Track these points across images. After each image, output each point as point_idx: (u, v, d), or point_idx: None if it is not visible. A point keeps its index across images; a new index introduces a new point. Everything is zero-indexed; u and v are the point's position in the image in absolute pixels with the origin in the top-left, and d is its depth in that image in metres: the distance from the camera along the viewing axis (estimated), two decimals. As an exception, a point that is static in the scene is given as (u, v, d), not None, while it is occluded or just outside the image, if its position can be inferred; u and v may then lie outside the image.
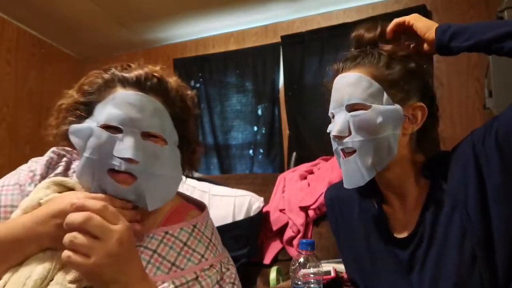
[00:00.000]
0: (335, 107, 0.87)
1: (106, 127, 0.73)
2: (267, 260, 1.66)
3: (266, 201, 1.77)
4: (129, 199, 0.74)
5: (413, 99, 0.86)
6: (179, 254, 0.76)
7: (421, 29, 0.85)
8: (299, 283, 0.79)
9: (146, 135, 0.75)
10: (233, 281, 0.81)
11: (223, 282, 0.79)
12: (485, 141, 0.77)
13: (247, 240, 1.62)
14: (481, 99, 2.29)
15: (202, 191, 1.68)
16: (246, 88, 3.03)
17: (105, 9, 2.73)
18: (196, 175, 1.74)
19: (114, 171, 0.72)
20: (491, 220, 0.76)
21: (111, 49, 3.35)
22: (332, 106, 0.89)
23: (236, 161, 3.00)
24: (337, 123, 0.85)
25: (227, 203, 1.66)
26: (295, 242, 1.60)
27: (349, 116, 0.83)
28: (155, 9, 2.74)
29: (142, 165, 0.72)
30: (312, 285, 0.78)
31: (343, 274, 1.05)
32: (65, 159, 0.85)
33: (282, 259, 1.65)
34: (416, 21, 0.86)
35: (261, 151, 2.94)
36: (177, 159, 0.82)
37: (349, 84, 0.85)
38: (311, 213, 1.62)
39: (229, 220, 1.62)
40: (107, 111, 0.73)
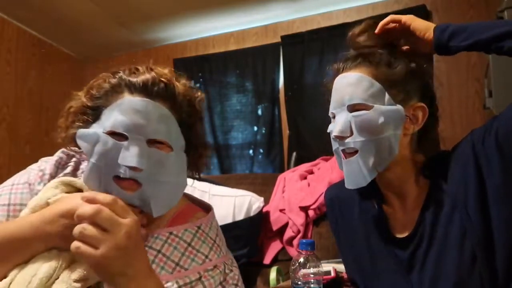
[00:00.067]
0: (336, 107, 0.87)
1: (112, 134, 0.73)
2: (267, 260, 1.66)
3: (266, 201, 1.77)
4: (134, 205, 0.74)
5: (413, 99, 0.86)
6: (183, 254, 0.77)
7: (419, 29, 0.85)
8: (299, 283, 0.79)
9: (151, 142, 0.75)
10: (236, 282, 0.81)
11: (226, 283, 0.79)
12: (485, 141, 0.77)
13: (247, 240, 1.62)
14: (481, 99, 2.29)
15: (202, 191, 1.67)
16: (246, 88, 3.03)
17: (105, 9, 2.73)
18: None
19: (119, 178, 0.73)
20: (491, 220, 0.76)
21: (111, 49, 3.35)
22: (332, 106, 0.88)
23: (236, 161, 3.00)
24: (338, 123, 0.85)
25: (227, 203, 1.66)
26: (295, 242, 1.59)
27: (350, 116, 0.83)
28: (155, 9, 2.74)
29: (146, 172, 0.73)
30: (312, 285, 0.78)
31: (343, 274, 1.05)
32: (74, 159, 0.86)
33: (282, 259, 1.64)
34: (413, 21, 0.86)
35: (261, 151, 2.94)
36: (182, 165, 0.82)
37: (349, 84, 0.85)
38: (311, 213, 1.61)
39: (229, 220, 1.62)
40: (114, 117, 0.73)
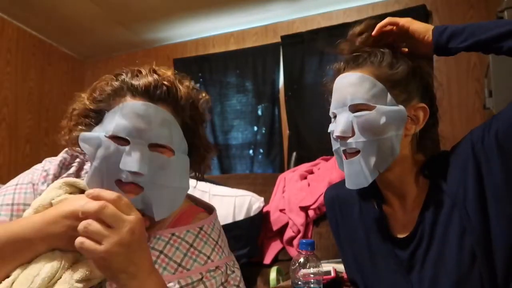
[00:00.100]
0: (337, 107, 0.86)
1: (114, 138, 0.73)
2: (267, 260, 1.66)
3: (266, 201, 1.77)
4: (137, 208, 0.74)
5: (414, 99, 0.86)
6: (186, 255, 0.77)
7: (418, 32, 0.85)
8: (299, 283, 0.79)
9: (153, 146, 0.75)
10: (238, 283, 0.81)
11: (227, 284, 0.79)
12: (484, 140, 0.77)
13: (247, 240, 1.62)
14: (481, 99, 2.29)
15: (202, 191, 1.67)
16: (246, 88, 3.03)
17: (105, 9, 2.73)
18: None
19: (121, 182, 0.73)
20: (490, 218, 0.77)
21: (111, 49, 3.36)
22: (333, 106, 0.88)
23: (236, 161, 3.01)
24: (339, 123, 0.84)
25: (228, 203, 1.66)
26: (295, 242, 1.60)
27: (352, 116, 0.83)
28: (155, 9, 2.74)
29: (148, 176, 0.73)
30: (312, 285, 0.78)
31: (343, 274, 1.05)
32: (78, 159, 0.86)
33: (282, 259, 1.65)
34: (411, 24, 0.85)
35: (261, 151, 2.94)
36: (185, 168, 0.81)
37: (351, 84, 0.84)
38: (311, 213, 1.62)
39: (230, 220, 1.62)
40: (116, 122, 0.73)
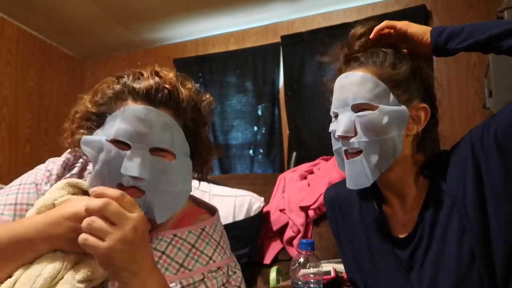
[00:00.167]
0: (339, 106, 0.86)
1: (115, 142, 0.73)
2: (268, 260, 1.66)
3: (266, 201, 1.77)
4: None
5: (416, 100, 0.86)
6: (187, 255, 0.77)
7: (416, 34, 0.85)
8: (299, 283, 0.79)
9: (154, 150, 0.75)
10: (239, 284, 0.81)
11: (228, 284, 0.79)
12: (483, 140, 0.77)
13: (247, 240, 1.62)
14: (481, 99, 2.29)
15: (202, 191, 1.67)
16: (246, 88, 3.03)
17: (105, 9, 2.73)
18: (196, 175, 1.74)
19: (122, 186, 0.73)
20: (489, 218, 0.77)
21: (111, 49, 3.36)
22: (335, 105, 0.87)
23: (236, 161, 3.01)
24: (341, 123, 0.84)
25: (228, 203, 1.66)
26: (295, 242, 1.60)
27: (355, 116, 0.82)
28: (155, 9, 2.74)
29: (149, 181, 0.73)
30: (312, 285, 0.78)
31: (343, 274, 1.05)
32: (81, 160, 0.86)
33: (282, 259, 1.65)
34: (409, 27, 0.86)
35: (261, 151, 2.94)
36: (187, 171, 0.81)
37: (353, 83, 0.84)
38: (311, 213, 1.62)
39: (230, 220, 1.62)
40: (117, 126, 0.73)
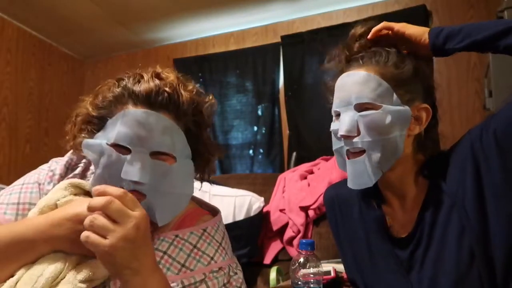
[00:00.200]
0: (341, 105, 0.85)
1: (115, 146, 0.74)
2: (268, 260, 1.66)
3: (266, 201, 1.77)
4: None
5: (417, 100, 0.86)
6: (189, 255, 0.77)
7: (414, 35, 0.85)
8: (299, 283, 0.79)
9: (155, 154, 0.75)
10: (240, 285, 0.81)
11: (229, 285, 0.79)
12: (482, 139, 0.77)
13: (247, 240, 1.62)
14: (481, 99, 2.29)
15: (202, 191, 1.67)
16: (246, 88, 3.03)
17: (105, 9, 2.73)
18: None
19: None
20: (488, 217, 0.77)
21: (111, 49, 3.36)
22: (336, 104, 0.87)
23: (236, 161, 3.01)
24: (344, 122, 0.83)
25: (228, 203, 1.66)
26: (295, 242, 1.60)
27: (358, 115, 0.82)
28: (155, 9, 2.74)
29: (150, 184, 0.73)
30: (312, 285, 0.78)
31: (343, 274, 1.05)
32: (84, 160, 0.87)
33: (282, 259, 1.65)
34: (407, 29, 0.86)
35: (261, 151, 2.94)
36: (188, 173, 0.81)
37: (356, 82, 0.84)
38: (311, 213, 1.62)
39: (230, 220, 1.62)
40: (117, 129, 0.74)
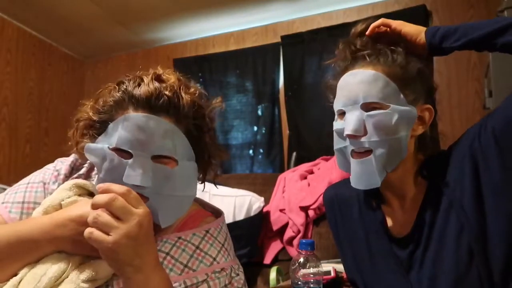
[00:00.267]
0: (347, 104, 0.84)
1: (117, 150, 0.74)
2: (268, 260, 1.66)
3: (266, 201, 1.77)
4: None
5: (421, 100, 0.86)
6: (192, 256, 0.77)
7: (410, 34, 0.85)
8: (299, 283, 0.79)
9: (157, 158, 0.75)
10: (241, 286, 0.81)
11: (231, 286, 0.79)
12: (481, 138, 0.78)
13: (247, 240, 1.62)
14: (481, 99, 2.29)
15: (202, 191, 1.67)
16: (246, 88, 3.03)
17: (105, 9, 2.73)
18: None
19: None
20: (486, 216, 0.77)
21: (111, 49, 3.36)
22: (341, 103, 0.86)
23: (236, 161, 3.00)
24: (350, 121, 0.82)
25: (228, 203, 1.66)
26: (295, 242, 1.60)
27: (365, 115, 0.82)
28: (155, 9, 2.74)
29: (152, 188, 0.73)
30: (312, 285, 0.78)
31: (343, 274, 1.05)
32: (89, 161, 0.86)
33: (282, 259, 1.65)
34: (403, 27, 0.86)
35: (261, 151, 2.94)
36: (191, 176, 0.81)
37: (363, 81, 0.83)
38: (311, 213, 1.62)
39: (230, 220, 1.62)
40: (118, 134, 0.74)
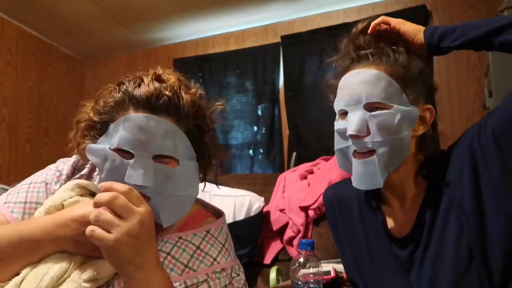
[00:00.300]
0: (349, 104, 0.84)
1: (118, 150, 0.74)
2: (268, 260, 1.66)
3: (266, 201, 1.77)
4: None
5: (422, 100, 0.86)
6: (192, 256, 0.77)
7: (409, 33, 0.85)
8: (299, 283, 0.79)
9: (158, 157, 0.75)
10: (241, 286, 0.81)
11: (231, 286, 0.79)
12: (480, 138, 0.78)
13: (247, 240, 1.62)
14: (481, 99, 2.29)
15: (202, 190, 1.67)
16: (246, 88, 3.03)
17: (105, 9, 2.73)
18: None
19: None
20: (486, 216, 0.77)
21: (111, 49, 3.36)
22: (343, 103, 0.85)
23: (236, 161, 3.00)
24: (353, 122, 0.82)
25: (228, 203, 1.66)
26: (295, 242, 1.60)
27: (368, 115, 0.81)
28: (155, 9, 2.74)
29: (154, 187, 0.73)
30: (312, 285, 0.78)
31: (343, 274, 1.05)
32: (91, 161, 0.86)
33: (282, 259, 1.65)
34: (403, 25, 0.86)
35: (261, 151, 2.94)
36: (192, 175, 0.82)
37: (365, 81, 0.83)
38: (311, 213, 1.62)
39: (230, 220, 1.62)
40: (119, 134, 0.74)
